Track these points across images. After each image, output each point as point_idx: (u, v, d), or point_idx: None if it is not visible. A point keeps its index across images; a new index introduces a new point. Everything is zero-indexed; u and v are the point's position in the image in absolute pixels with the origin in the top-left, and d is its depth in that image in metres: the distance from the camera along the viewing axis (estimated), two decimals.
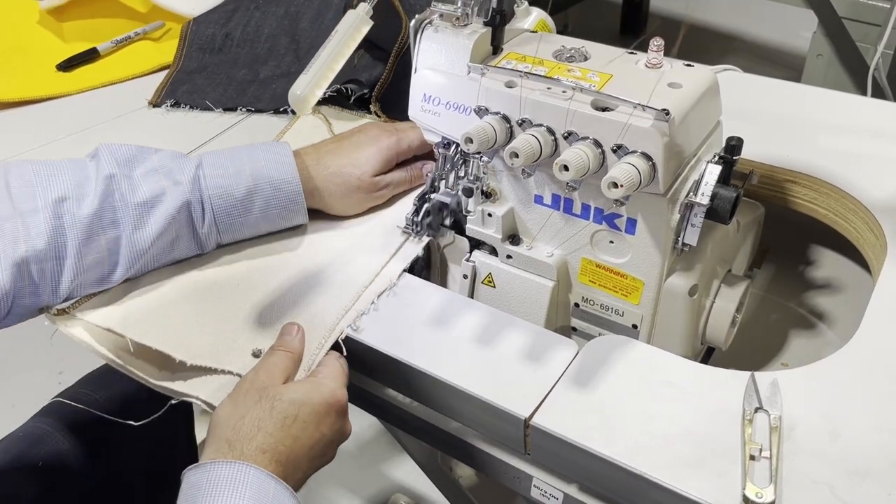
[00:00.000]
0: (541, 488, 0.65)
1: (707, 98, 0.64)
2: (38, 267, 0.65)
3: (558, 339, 0.65)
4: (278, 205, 0.74)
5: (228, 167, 0.73)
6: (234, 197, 0.72)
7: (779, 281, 0.85)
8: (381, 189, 0.79)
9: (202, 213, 0.72)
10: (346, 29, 0.67)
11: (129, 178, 0.69)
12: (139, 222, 0.69)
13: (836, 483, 0.52)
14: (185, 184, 0.71)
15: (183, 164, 0.72)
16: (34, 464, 0.84)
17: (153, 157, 0.72)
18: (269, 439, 0.57)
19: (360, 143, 0.78)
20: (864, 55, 1.70)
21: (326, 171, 0.76)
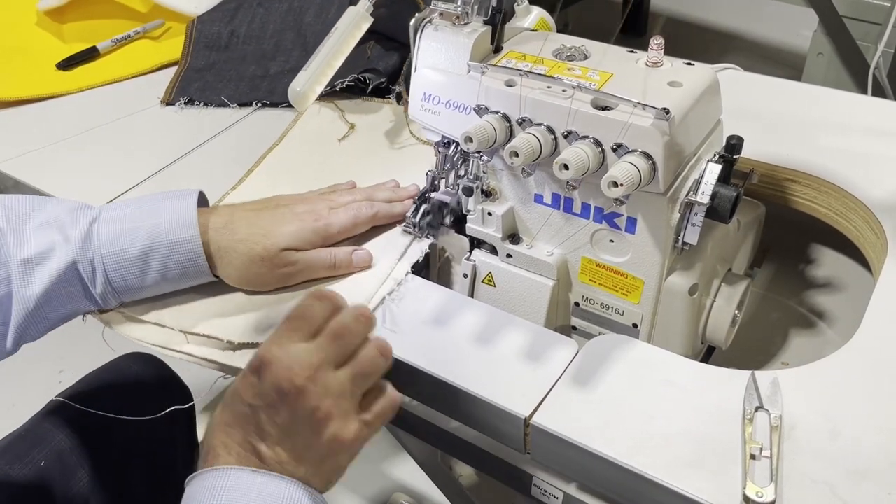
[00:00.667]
0: (541, 487, 0.65)
1: (707, 97, 0.64)
2: None
3: (558, 339, 0.65)
4: (177, 265, 0.68)
5: (126, 223, 0.67)
6: (128, 256, 0.66)
7: (779, 280, 0.85)
8: (287, 265, 0.69)
9: (93, 272, 0.66)
10: (346, 26, 0.67)
11: (18, 232, 0.65)
12: (25, 280, 0.64)
13: (837, 482, 0.52)
14: (75, 241, 0.65)
15: (78, 217, 0.67)
16: (36, 464, 0.84)
17: (48, 209, 0.67)
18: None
19: (281, 217, 0.70)
20: (865, 54, 1.70)
21: (233, 237, 0.68)
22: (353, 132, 0.93)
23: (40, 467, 0.83)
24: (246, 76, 1.05)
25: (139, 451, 0.93)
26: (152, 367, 0.99)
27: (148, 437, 0.94)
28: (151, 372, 0.98)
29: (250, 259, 0.68)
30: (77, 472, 0.86)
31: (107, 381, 0.94)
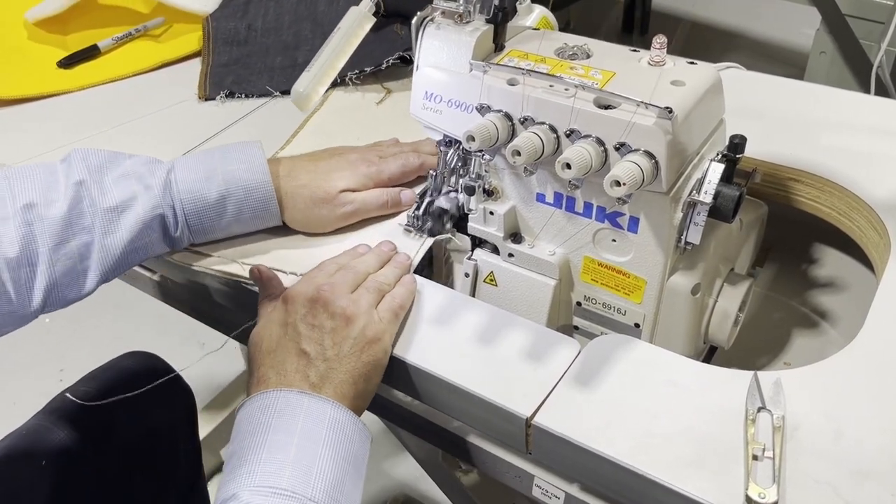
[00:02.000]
0: (542, 487, 0.65)
1: (710, 96, 0.63)
2: (11, 275, 0.64)
3: (560, 338, 0.64)
4: (251, 208, 0.74)
5: (200, 171, 0.72)
6: (206, 201, 0.72)
7: (782, 280, 0.85)
8: (346, 205, 0.76)
9: (174, 216, 0.71)
10: (349, 26, 0.67)
11: (99, 183, 0.69)
12: (109, 227, 0.68)
13: (840, 483, 0.52)
14: (157, 188, 0.70)
15: (155, 168, 0.71)
16: (38, 461, 0.84)
17: (125, 163, 0.71)
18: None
19: (336, 164, 0.77)
20: (868, 53, 1.70)
21: (295, 183, 0.75)
22: (389, 96, 0.99)
23: (42, 465, 0.84)
24: (275, 67, 1.06)
25: (141, 448, 0.93)
26: (151, 365, 0.99)
27: (150, 435, 0.95)
28: (150, 370, 0.98)
29: (313, 202, 0.75)
30: (79, 470, 0.86)
31: (108, 379, 0.94)
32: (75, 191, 0.67)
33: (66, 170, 0.69)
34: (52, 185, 0.67)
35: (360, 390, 0.62)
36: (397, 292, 0.67)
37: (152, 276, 0.88)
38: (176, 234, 0.72)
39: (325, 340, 0.62)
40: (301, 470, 0.55)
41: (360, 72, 1.00)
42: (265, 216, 0.75)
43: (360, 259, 0.70)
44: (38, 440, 0.85)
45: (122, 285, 0.97)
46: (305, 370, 0.61)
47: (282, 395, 0.59)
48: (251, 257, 0.75)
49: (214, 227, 0.74)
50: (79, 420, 0.88)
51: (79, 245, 0.67)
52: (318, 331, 0.62)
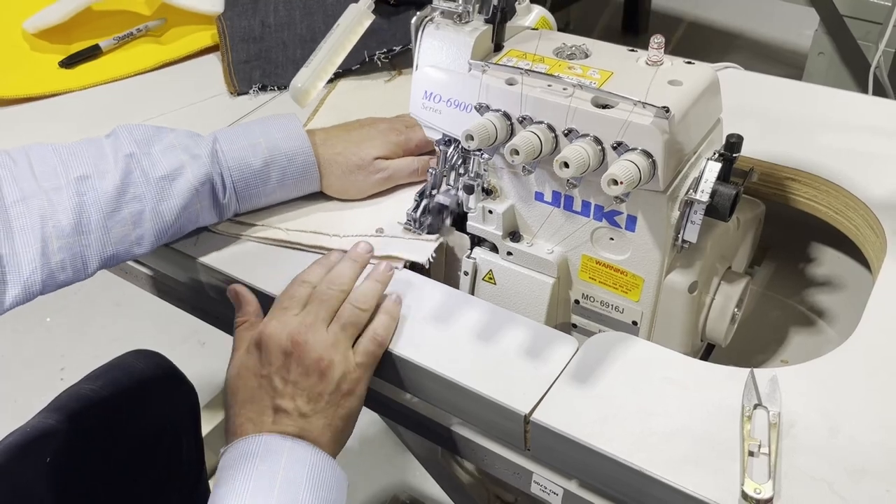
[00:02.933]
0: (541, 484, 0.65)
1: (707, 96, 0.64)
2: (65, 242, 0.66)
3: (558, 336, 0.65)
4: (293, 174, 0.78)
5: (243, 141, 0.76)
6: (251, 168, 0.75)
7: (779, 278, 0.86)
8: (379, 172, 0.80)
9: (222, 184, 0.74)
10: (348, 23, 0.67)
11: (148, 154, 0.71)
12: (163, 195, 0.71)
13: (835, 479, 0.52)
14: (204, 157, 0.73)
15: (199, 140, 0.75)
16: (43, 458, 0.84)
17: (169, 136, 0.74)
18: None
19: (368, 135, 0.81)
20: (866, 53, 1.70)
21: (332, 151, 0.79)
22: (399, 76, 1.03)
23: (46, 463, 0.84)
24: (297, 59, 1.07)
25: (145, 446, 0.93)
26: (156, 363, 0.99)
27: (154, 433, 0.95)
28: (155, 368, 0.99)
29: (349, 169, 0.79)
30: (83, 467, 0.87)
31: (112, 377, 0.95)
32: (126, 162, 0.70)
33: (114, 143, 0.71)
34: (101, 157, 0.70)
35: (337, 435, 0.63)
36: (378, 325, 0.66)
37: (152, 274, 0.88)
38: (224, 201, 0.75)
39: (299, 397, 0.62)
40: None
41: (388, 51, 1.03)
42: (306, 182, 0.79)
43: (337, 274, 0.68)
44: (44, 437, 0.86)
45: (122, 284, 0.98)
46: (283, 423, 0.61)
47: (263, 439, 0.60)
48: (292, 222, 0.79)
49: (259, 194, 0.77)
50: (84, 417, 0.89)
51: (132, 213, 0.69)
52: (292, 386, 0.62)
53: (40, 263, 0.64)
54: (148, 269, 0.89)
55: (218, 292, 0.78)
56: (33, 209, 0.65)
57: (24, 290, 0.64)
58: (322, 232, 0.77)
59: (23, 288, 0.64)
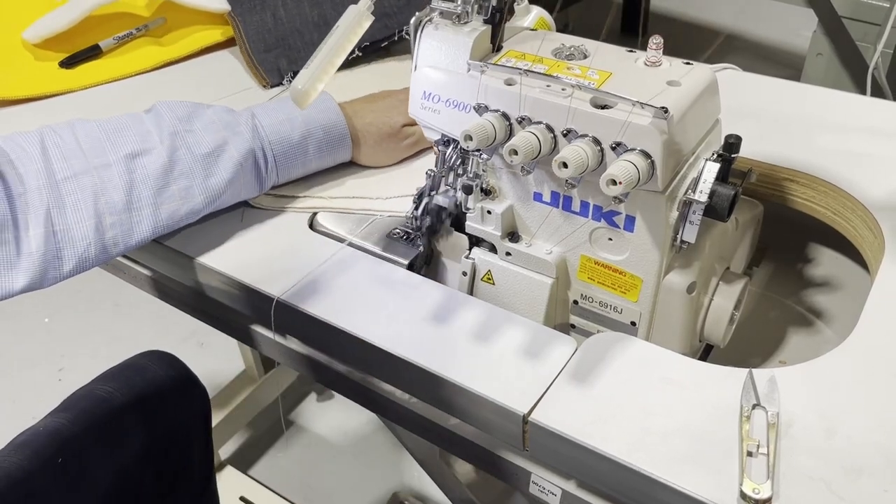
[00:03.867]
0: (539, 484, 0.65)
1: (706, 96, 0.64)
2: (117, 219, 0.68)
3: (557, 336, 0.65)
4: (330, 145, 0.83)
5: (281, 116, 0.80)
6: (291, 141, 0.80)
7: (777, 279, 0.86)
8: (409, 137, 0.87)
9: (264, 157, 0.79)
10: (348, 24, 0.67)
11: (191, 132, 0.74)
12: (210, 171, 0.74)
13: (833, 479, 0.53)
14: (246, 133, 0.77)
15: (237, 116, 0.78)
16: (54, 457, 0.84)
17: (207, 112, 0.77)
18: None
19: (392, 104, 0.87)
20: (864, 54, 1.71)
21: (363, 121, 0.85)
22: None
23: (57, 463, 0.84)
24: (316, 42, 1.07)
25: (156, 449, 0.93)
26: (169, 366, 0.99)
27: (165, 436, 0.95)
28: (168, 370, 0.98)
29: (381, 137, 0.85)
30: (94, 467, 0.86)
31: (125, 378, 0.94)
32: (171, 140, 0.72)
33: (156, 120, 0.74)
34: (145, 134, 0.72)
35: None
36: None
37: (151, 274, 0.88)
38: (265, 174, 0.79)
39: None
40: None
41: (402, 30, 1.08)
42: (341, 152, 0.84)
43: None
44: (55, 437, 0.85)
45: (121, 284, 0.98)
46: None
47: None
48: (332, 190, 0.84)
49: (297, 165, 0.82)
50: (96, 418, 0.89)
51: (180, 188, 0.72)
52: None
53: (94, 239, 0.67)
54: (147, 269, 0.89)
55: (217, 293, 0.78)
56: (85, 186, 0.67)
57: (78, 263, 0.66)
58: (366, 196, 0.83)
59: (78, 261, 0.66)
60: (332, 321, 0.68)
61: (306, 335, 0.74)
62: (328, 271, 0.73)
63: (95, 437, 0.88)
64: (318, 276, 0.72)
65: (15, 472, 0.82)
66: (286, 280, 0.72)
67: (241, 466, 1.56)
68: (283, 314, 0.71)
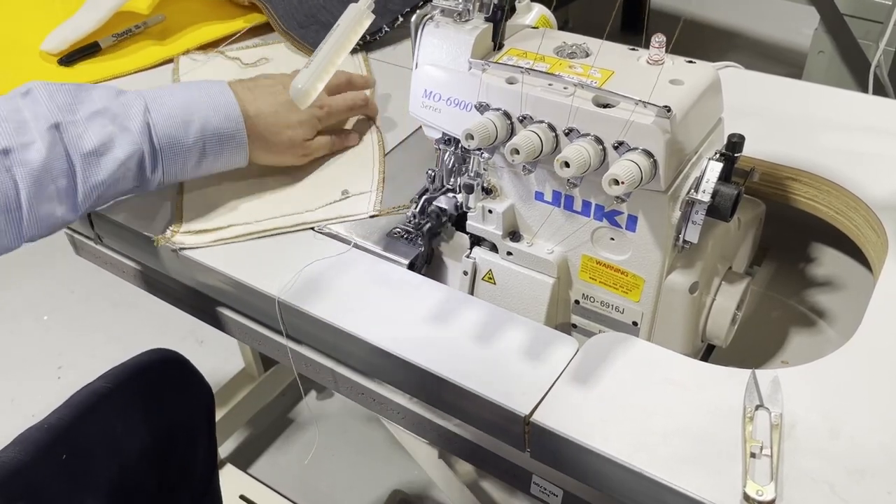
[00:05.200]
0: (540, 485, 0.65)
1: (709, 95, 0.64)
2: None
3: (558, 336, 0.65)
4: (226, 154, 0.78)
5: (177, 116, 0.74)
6: (183, 146, 0.74)
7: (779, 279, 0.85)
8: (306, 153, 0.84)
9: (153, 159, 0.73)
10: (348, 23, 0.67)
11: (73, 123, 0.68)
12: (90, 171, 0.69)
13: (837, 481, 0.52)
14: (135, 132, 0.71)
15: (128, 107, 0.72)
16: (58, 454, 0.84)
17: (93, 97, 0.71)
18: None
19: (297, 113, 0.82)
20: (866, 52, 1.70)
21: (264, 129, 0.80)
22: None
23: (62, 459, 0.83)
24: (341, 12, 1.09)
25: (160, 446, 0.93)
26: (174, 364, 0.98)
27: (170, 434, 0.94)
28: (173, 368, 0.98)
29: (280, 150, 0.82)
30: (98, 465, 0.86)
31: (130, 376, 0.94)
32: (51, 135, 0.67)
33: (34, 108, 0.68)
34: (22, 126, 0.67)
35: None
36: None
37: (149, 273, 0.88)
38: (150, 175, 0.74)
39: None
40: None
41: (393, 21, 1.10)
42: (236, 161, 0.80)
43: None
44: (59, 433, 0.85)
45: (119, 283, 0.97)
46: None
47: None
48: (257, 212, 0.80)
49: (187, 170, 0.76)
50: (100, 415, 0.88)
51: (58, 189, 0.67)
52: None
53: None
54: (145, 268, 0.88)
55: (216, 292, 0.78)
56: None
57: None
58: (294, 212, 0.79)
59: None
60: (332, 321, 0.68)
61: (306, 334, 0.74)
62: (328, 271, 0.73)
63: (99, 435, 0.87)
64: (317, 275, 0.72)
65: (15, 465, 0.81)
66: (286, 279, 0.71)
67: (241, 465, 1.56)
68: (283, 313, 0.71)
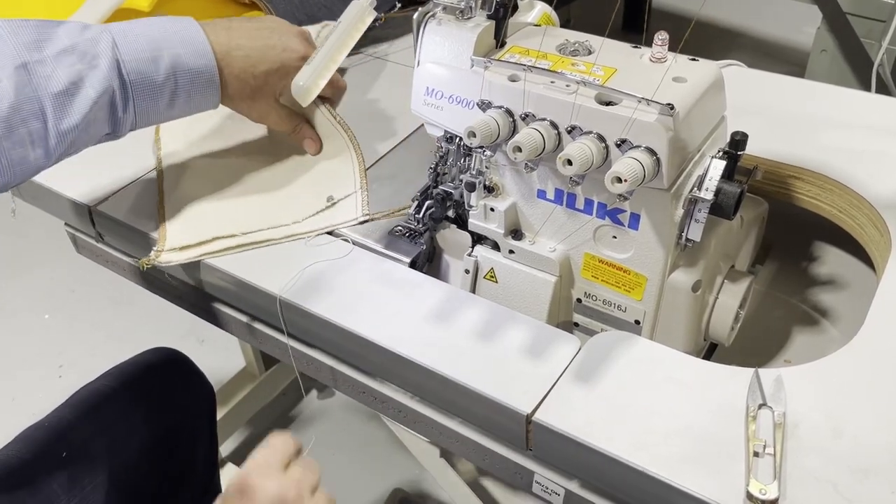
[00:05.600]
0: (542, 484, 0.65)
1: (712, 93, 0.63)
2: None
3: (560, 335, 0.64)
4: (198, 94, 0.74)
5: (146, 52, 0.70)
6: (154, 83, 0.71)
7: (782, 277, 0.85)
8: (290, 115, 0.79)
9: (124, 98, 0.70)
10: (350, 20, 0.67)
11: (41, 63, 0.65)
12: (62, 113, 0.66)
13: (840, 480, 0.52)
14: (105, 68, 0.68)
15: (95, 43, 0.68)
16: (58, 452, 0.83)
17: (59, 33, 0.67)
18: None
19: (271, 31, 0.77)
20: (869, 51, 1.70)
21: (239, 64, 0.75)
22: None
23: (62, 457, 0.83)
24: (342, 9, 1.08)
25: (161, 445, 0.93)
26: (177, 363, 0.98)
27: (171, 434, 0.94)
28: (175, 367, 0.98)
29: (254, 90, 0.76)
30: (98, 464, 0.86)
31: (131, 375, 0.94)
32: (18, 76, 0.64)
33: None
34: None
35: None
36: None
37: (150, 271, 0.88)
38: (121, 115, 0.70)
39: None
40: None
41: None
42: (208, 101, 0.75)
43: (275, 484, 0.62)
44: (61, 432, 0.85)
45: (120, 281, 0.97)
46: None
47: None
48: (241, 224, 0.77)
49: (159, 110, 0.73)
50: (102, 414, 0.88)
51: (30, 131, 0.65)
52: None
53: None
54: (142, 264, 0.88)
55: (218, 290, 0.77)
56: None
57: None
58: (281, 224, 0.76)
59: None
60: (334, 319, 0.68)
61: (307, 333, 0.74)
62: (329, 269, 0.72)
63: (101, 433, 0.87)
64: (319, 273, 0.72)
65: (15, 463, 0.81)
66: (287, 278, 0.71)
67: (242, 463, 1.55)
68: (285, 312, 0.71)
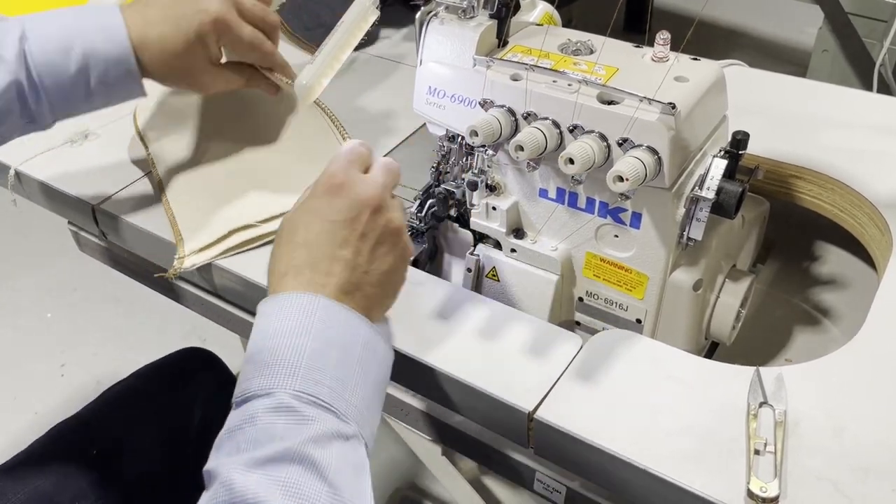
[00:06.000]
0: (544, 482, 0.65)
1: (713, 92, 0.63)
2: None
3: (562, 334, 0.65)
4: (115, 84, 0.71)
5: (55, 42, 0.68)
6: (65, 74, 0.68)
7: (783, 277, 0.85)
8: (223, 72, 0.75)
9: (34, 92, 0.68)
10: (353, 19, 0.67)
11: None
12: None
13: (840, 479, 0.52)
14: (10, 61, 0.66)
15: (4, 34, 0.67)
16: (90, 450, 0.83)
17: None
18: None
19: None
20: (870, 51, 1.70)
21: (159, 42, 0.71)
22: None
23: (93, 455, 0.83)
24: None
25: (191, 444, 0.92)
26: (208, 362, 0.98)
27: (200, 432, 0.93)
28: (207, 367, 0.97)
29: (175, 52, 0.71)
30: (127, 462, 0.85)
31: (162, 374, 0.93)
32: None
33: None
34: None
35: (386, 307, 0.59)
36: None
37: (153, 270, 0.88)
38: (34, 108, 0.69)
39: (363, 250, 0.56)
40: (338, 383, 0.52)
41: None
42: (130, 91, 0.73)
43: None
44: (90, 429, 0.85)
45: (122, 280, 0.97)
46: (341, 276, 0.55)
47: (320, 301, 0.54)
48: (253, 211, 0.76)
49: (79, 104, 0.71)
50: (132, 412, 0.88)
51: None
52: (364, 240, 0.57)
53: None
54: (148, 264, 0.88)
55: (219, 288, 0.78)
56: None
57: None
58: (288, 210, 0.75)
59: None
60: None
61: None
62: None
63: (130, 431, 0.87)
64: None
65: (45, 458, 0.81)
66: None
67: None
68: None
